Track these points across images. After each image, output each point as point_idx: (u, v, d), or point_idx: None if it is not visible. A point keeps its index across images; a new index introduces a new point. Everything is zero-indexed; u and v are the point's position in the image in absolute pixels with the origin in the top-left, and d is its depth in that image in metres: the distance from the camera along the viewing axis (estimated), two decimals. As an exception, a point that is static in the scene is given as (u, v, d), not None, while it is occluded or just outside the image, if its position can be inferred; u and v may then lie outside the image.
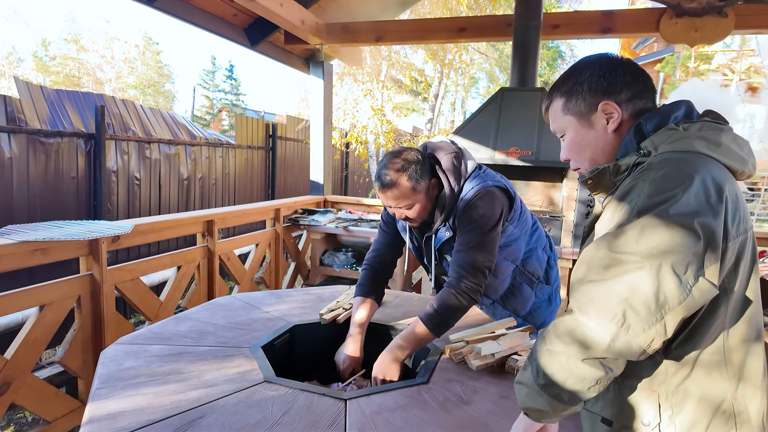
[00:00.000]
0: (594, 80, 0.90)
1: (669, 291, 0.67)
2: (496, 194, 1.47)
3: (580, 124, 0.92)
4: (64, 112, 4.12)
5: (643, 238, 0.70)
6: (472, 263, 1.40)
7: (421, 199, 1.47)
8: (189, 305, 2.78)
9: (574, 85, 0.92)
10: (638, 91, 0.89)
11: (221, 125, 21.89)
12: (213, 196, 5.85)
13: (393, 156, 1.46)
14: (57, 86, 16.84)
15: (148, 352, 1.32)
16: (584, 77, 0.91)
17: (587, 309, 0.72)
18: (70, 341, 2.08)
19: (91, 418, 1.00)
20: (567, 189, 3.04)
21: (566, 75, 0.96)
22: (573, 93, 0.92)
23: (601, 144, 0.91)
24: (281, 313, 1.66)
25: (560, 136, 0.98)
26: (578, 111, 0.92)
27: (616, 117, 0.89)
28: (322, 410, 1.07)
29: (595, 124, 0.91)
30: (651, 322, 0.68)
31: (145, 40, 21.53)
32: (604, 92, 0.89)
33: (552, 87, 0.97)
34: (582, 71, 0.92)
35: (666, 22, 3.18)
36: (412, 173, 1.43)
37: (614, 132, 0.90)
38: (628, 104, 0.89)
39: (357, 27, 3.93)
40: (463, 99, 18.97)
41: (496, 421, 1.04)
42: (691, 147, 0.79)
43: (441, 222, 1.53)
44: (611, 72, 0.90)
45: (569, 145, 0.96)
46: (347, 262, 3.86)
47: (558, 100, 0.95)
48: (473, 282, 1.39)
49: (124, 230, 2.17)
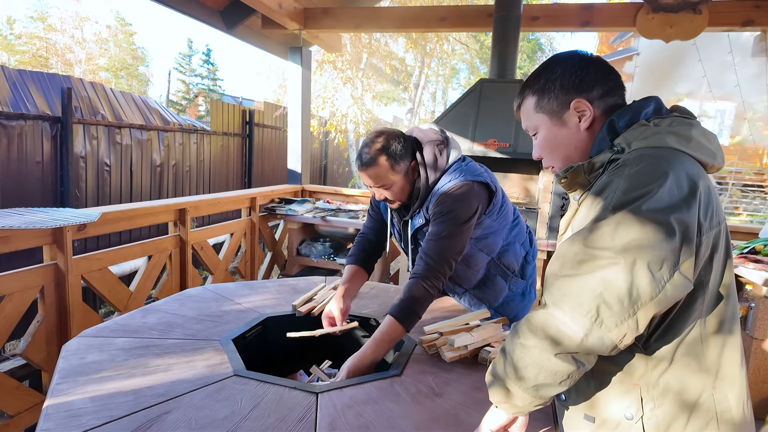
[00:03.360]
0: (566, 78, 0.89)
1: (642, 287, 0.67)
2: (472, 189, 1.46)
3: (552, 122, 0.92)
4: (28, 93, 3.94)
5: (617, 233, 0.70)
6: (439, 254, 1.41)
7: (400, 180, 1.49)
8: (161, 296, 2.71)
9: (546, 82, 0.91)
10: (609, 88, 0.89)
11: (198, 111, 21.35)
12: (187, 184, 5.72)
13: (375, 135, 1.48)
14: (23, 67, 16.11)
15: (113, 346, 1.27)
16: (556, 75, 0.90)
17: (561, 304, 0.72)
18: (33, 333, 2.00)
19: (50, 415, 0.95)
20: (543, 181, 3.07)
21: (538, 73, 0.95)
22: (545, 91, 0.91)
23: (574, 142, 0.91)
24: (254, 305, 1.63)
25: (532, 134, 0.98)
26: (550, 109, 0.91)
27: (588, 115, 0.88)
28: (292, 404, 1.05)
29: (567, 122, 0.90)
30: (623, 318, 0.68)
31: (118, 21, 20.75)
32: (576, 90, 0.89)
33: (524, 84, 0.96)
34: (554, 69, 0.91)
35: (643, 17, 3.22)
36: (392, 153, 1.45)
37: (587, 130, 0.89)
38: (600, 101, 0.89)
39: (337, 13, 3.85)
40: (443, 89, 18.97)
41: (468, 413, 1.05)
42: (663, 142, 0.79)
43: (416, 208, 1.54)
44: (583, 69, 0.89)
45: (542, 143, 0.95)
46: (325, 252, 3.83)
47: (530, 98, 0.94)
48: (437, 272, 1.40)
49: (90, 218, 2.09)
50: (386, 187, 1.49)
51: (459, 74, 19.69)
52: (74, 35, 18.83)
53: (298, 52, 4.06)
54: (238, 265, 3.49)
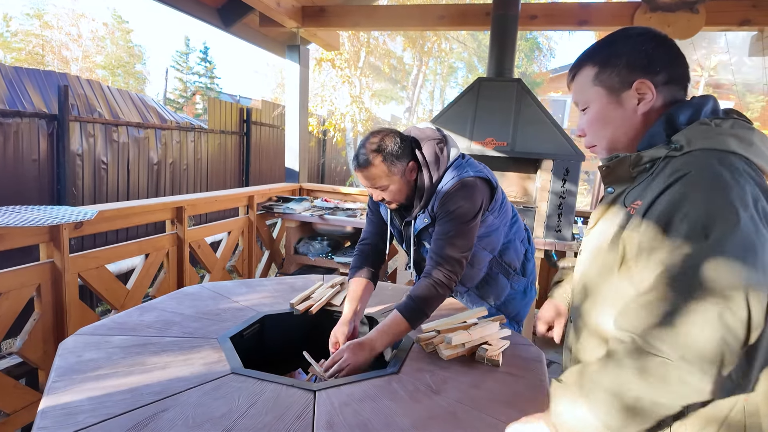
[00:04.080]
0: (635, 55, 0.83)
1: (756, 321, 0.64)
2: (476, 185, 1.46)
3: (608, 98, 0.86)
4: (24, 91, 3.92)
5: (720, 269, 0.65)
6: (450, 253, 1.41)
7: (397, 182, 1.47)
8: (158, 294, 2.71)
9: (611, 56, 0.85)
10: (676, 76, 0.83)
11: (195, 109, 21.27)
12: (184, 182, 5.70)
13: (372, 135, 1.46)
14: (19, 64, 16.03)
15: (110, 343, 1.27)
16: (624, 49, 0.84)
17: (684, 353, 0.64)
18: (30, 331, 2.00)
19: (46, 413, 0.95)
20: (541, 180, 3.07)
21: (602, 44, 0.88)
22: (609, 64, 0.85)
23: (626, 125, 0.85)
24: (252, 303, 1.63)
25: (581, 109, 0.92)
26: (610, 84, 0.85)
27: (649, 99, 0.82)
28: (290, 402, 1.05)
29: (624, 103, 0.84)
30: (738, 358, 0.65)
31: (115, 19, 20.66)
32: (642, 70, 0.82)
33: (582, 55, 0.90)
34: (623, 43, 0.85)
35: (640, 16, 3.22)
36: (388, 154, 1.43)
37: (643, 115, 0.83)
38: (664, 88, 0.82)
39: (335, 11, 3.85)
40: (441, 88, 18.96)
41: (465, 410, 1.05)
42: (725, 145, 0.75)
43: (420, 209, 1.53)
44: (654, 49, 0.82)
45: (591, 119, 0.89)
46: (322, 251, 3.83)
47: (589, 69, 0.88)
48: (449, 272, 1.40)
49: (87, 216, 2.08)
50: (383, 188, 1.47)
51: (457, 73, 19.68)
52: (70, 32, 18.75)
53: (296, 50, 4.06)
54: (235, 263, 3.49)
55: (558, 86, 15.96)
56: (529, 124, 3.04)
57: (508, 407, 1.07)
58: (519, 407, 1.07)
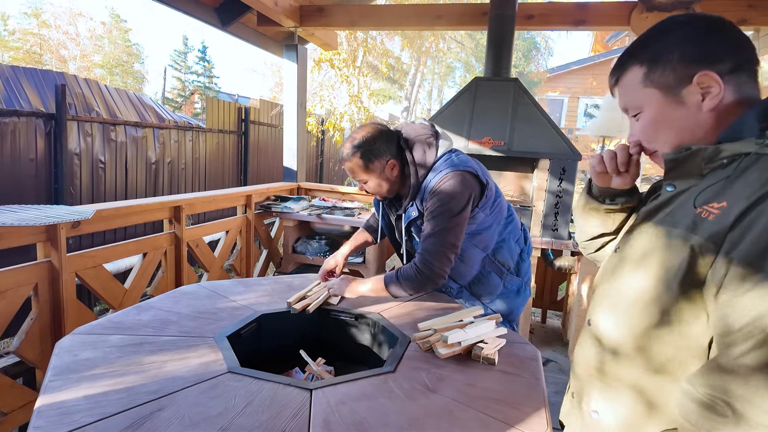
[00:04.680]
0: (688, 46, 0.73)
1: None
2: (464, 178, 1.47)
3: (665, 99, 0.76)
4: (21, 90, 3.91)
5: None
6: (438, 248, 1.45)
7: (374, 178, 1.56)
8: (156, 293, 2.71)
9: (661, 51, 0.75)
10: (743, 61, 0.72)
11: (193, 108, 21.25)
12: (182, 181, 5.70)
13: (356, 131, 1.55)
14: (17, 63, 15.98)
15: (107, 343, 1.27)
16: (675, 42, 0.74)
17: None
18: (27, 331, 2.00)
19: (42, 412, 0.95)
20: (537, 180, 3.08)
21: (647, 38, 0.78)
22: (659, 60, 0.75)
23: (692, 124, 0.75)
24: (249, 302, 1.63)
25: (633, 115, 0.82)
26: (665, 83, 0.75)
27: (716, 92, 0.72)
28: (286, 401, 1.05)
29: (686, 100, 0.74)
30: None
31: (113, 18, 20.61)
32: (701, 61, 0.72)
33: (624, 54, 0.80)
34: (671, 34, 0.75)
35: (637, 16, 3.23)
36: (366, 152, 1.50)
37: (710, 111, 0.73)
38: (731, 77, 0.72)
39: (332, 10, 3.85)
40: (439, 87, 18.97)
41: (461, 409, 1.05)
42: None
43: (408, 202, 1.58)
44: (710, 36, 0.73)
45: (647, 124, 0.79)
46: (320, 250, 3.83)
47: (636, 69, 0.78)
48: (437, 266, 1.44)
49: (84, 215, 2.08)
50: (362, 181, 1.58)
51: (455, 72, 19.69)
52: (68, 31, 18.70)
53: (293, 49, 4.06)
54: (233, 262, 3.49)
55: (555, 85, 15.98)
56: (526, 124, 3.04)
57: (504, 405, 1.07)
58: (515, 405, 1.07)
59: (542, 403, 1.09)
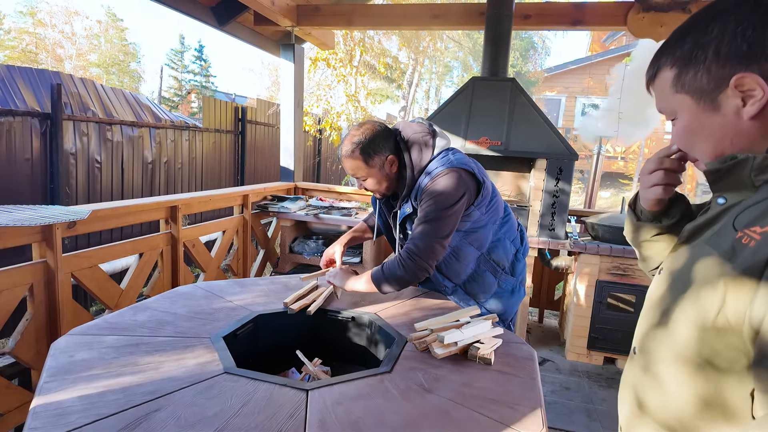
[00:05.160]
0: (726, 40, 0.60)
1: None
2: (460, 176, 1.48)
3: (698, 105, 0.65)
4: (16, 89, 3.90)
5: None
6: (423, 238, 1.46)
7: (375, 174, 1.56)
8: (152, 293, 2.70)
9: (693, 49, 0.63)
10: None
11: (190, 107, 21.19)
12: (179, 181, 5.69)
13: (355, 128, 1.56)
14: (12, 62, 15.90)
15: (103, 343, 1.27)
16: (711, 35, 0.61)
17: None
18: (22, 331, 1.99)
19: (38, 413, 0.95)
20: (534, 179, 3.08)
21: (683, 31, 0.66)
22: (691, 60, 0.64)
23: (730, 134, 0.64)
24: (245, 303, 1.63)
25: (670, 119, 0.72)
26: (697, 87, 0.64)
27: (759, 97, 0.60)
28: (282, 401, 1.05)
29: (722, 106, 0.63)
30: None
31: (109, 16, 20.53)
32: (742, 59, 0.60)
33: (660, 50, 0.69)
34: (708, 25, 0.62)
35: (633, 16, 3.24)
36: (365, 148, 1.51)
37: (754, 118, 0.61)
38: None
39: (329, 10, 3.85)
40: (437, 87, 18.98)
41: (457, 408, 1.06)
42: None
43: (403, 199, 1.60)
44: (756, 27, 0.58)
45: (682, 131, 0.69)
46: (317, 250, 3.83)
47: (667, 70, 0.68)
48: (421, 257, 1.46)
49: (79, 216, 2.07)
50: (362, 178, 1.58)
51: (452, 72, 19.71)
52: (64, 30, 18.61)
53: (290, 49, 4.05)
54: (230, 262, 3.48)
55: (553, 85, 16.01)
56: (523, 124, 3.05)
57: (500, 405, 1.08)
58: (510, 405, 1.08)
59: (538, 402, 1.10)
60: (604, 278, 2.99)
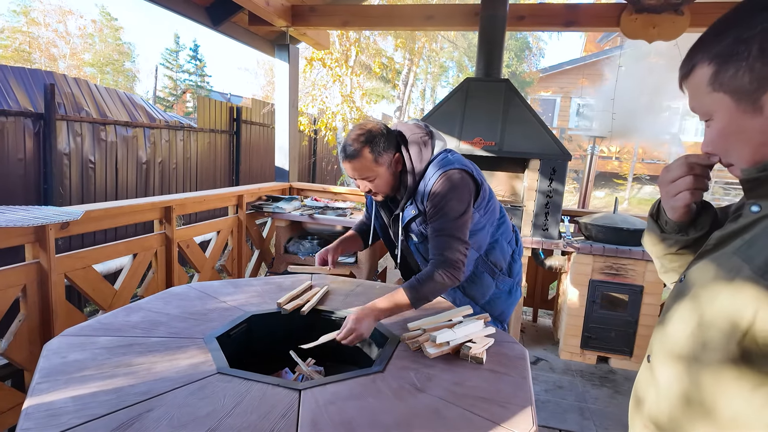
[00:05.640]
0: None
1: None
2: (462, 178, 1.49)
3: (738, 106, 0.60)
4: (9, 89, 3.87)
5: None
6: (449, 246, 1.45)
7: (384, 173, 1.52)
8: (146, 294, 2.70)
9: (736, 43, 0.58)
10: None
11: (185, 107, 21.11)
12: (174, 181, 5.67)
13: (358, 128, 1.51)
14: (5, 61, 15.79)
15: (96, 344, 1.27)
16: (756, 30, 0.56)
17: None
18: (15, 332, 1.98)
19: (30, 414, 0.95)
20: (528, 180, 3.10)
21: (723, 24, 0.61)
22: (731, 57, 0.58)
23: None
24: (239, 303, 1.63)
25: (704, 120, 0.66)
26: (737, 87, 0.59)
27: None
28: (275, 401, 1.06)
29: (765, 108, 0.58)
30: None
31: (103, 16, 20.41)
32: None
33: (696, 44, 0.64)
34: (754, 19, 0.57)
35: (626, 17, 3.26)
36: (375, 146, 1.47)
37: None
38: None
39: (324, 10, 3.85)
40: (432, 87, 18.99)
41: (448, 408, 1.06)
42: None
43: (406, 200, 1.57)
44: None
45: (716, 135, 0.64)
46: (312, 250, 3.83)
47: (704, 67, 0.62)
48: (452, 261, 1.44)
49: (72, 217, 2.07)
50: (370, 179, 1.52)
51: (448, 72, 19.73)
52: (57, 29, 18.49)
53: (285, 49, 4.05)
54: (225, 263, 3.48)
55: (548, 85, 16.06)
56: (517, 124, 3.07)
57: (491, 404, 1.09)
58: (501, 404, 1.09)
59: (529, 401, 1.11)
60: (598, 278, 3.01)
